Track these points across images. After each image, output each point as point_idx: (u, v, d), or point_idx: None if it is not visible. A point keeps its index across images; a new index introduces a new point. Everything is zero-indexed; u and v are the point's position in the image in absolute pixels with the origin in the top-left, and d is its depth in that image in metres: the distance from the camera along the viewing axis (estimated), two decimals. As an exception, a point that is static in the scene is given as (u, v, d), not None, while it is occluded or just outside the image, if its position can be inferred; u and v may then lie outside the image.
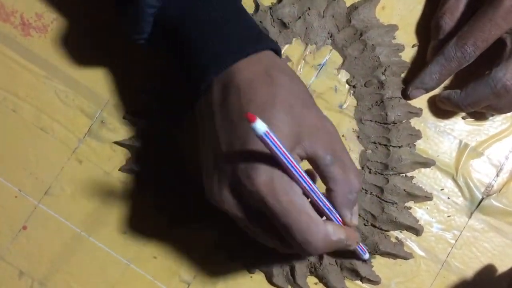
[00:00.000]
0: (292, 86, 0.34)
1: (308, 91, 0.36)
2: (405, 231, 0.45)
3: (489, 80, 0.41)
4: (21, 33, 0.47)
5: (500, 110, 0.43)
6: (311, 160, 0.34)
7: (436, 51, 0.43)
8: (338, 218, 0.35)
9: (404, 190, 0.44)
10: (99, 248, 0.45)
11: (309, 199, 0.34)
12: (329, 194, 0.34)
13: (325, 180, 0.34)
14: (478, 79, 0.42)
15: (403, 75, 0.46)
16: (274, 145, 0.30)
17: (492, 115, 0.45)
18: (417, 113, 0.45)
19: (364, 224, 0.45)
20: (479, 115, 0.45)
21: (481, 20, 0.40)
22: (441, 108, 0.45)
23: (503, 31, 0.40)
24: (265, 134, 0.29)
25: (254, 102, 0.33)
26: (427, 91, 0.44)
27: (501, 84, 0.40)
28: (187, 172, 0.45)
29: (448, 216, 0.45)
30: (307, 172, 0.33)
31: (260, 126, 0.28)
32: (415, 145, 0.45)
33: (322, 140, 0.33)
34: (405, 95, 0.45)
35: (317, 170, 0.34)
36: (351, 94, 0.46)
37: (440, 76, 0.43)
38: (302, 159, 0.34)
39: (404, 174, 0.45)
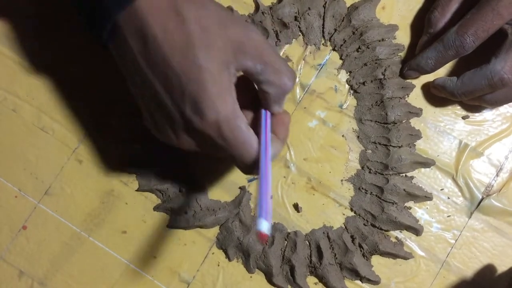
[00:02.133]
0: (202, 12, 0.34)
1: (222, 7, 0.36)
2: (405, 231, 0.45)
3: (487, 72, 0.41)
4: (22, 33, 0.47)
5: (494, 103, 0.43)
6: (245, 72, 0.35)
7: (425, 45, 0.44)
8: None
9: (404, 190, 0.44)
10: (99, 248, 0.45)
11: None
12: (263, 95, 0.36)
13: (260, 85, 0.36)
14: (476, 69, 0.42)
15: (403, 75, 0.46)
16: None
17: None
18: (417, 113, 0.45)
19: (364, 224, 0.45)
20: (472, 108, 0.45)
21: (483, 9, 0.40)
22: (435, 95, 0.45)
23: (505, 22, 0.40)
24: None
25: (176, 49, 0.33)
26: (421, 74, 0.45)
27: (498, 76, 0.40)
28: (187, 172, 0.45)
29: (448, 216, 0.45)
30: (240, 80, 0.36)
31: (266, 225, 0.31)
32: (415, 145, 0.45)
33: (250, 52, 0.34)
34: (401, 74, 0.45)
35: (252, 78, 0.36)
36: (351, 94, 0.46)
37: (435, 62, 0.43)
38: (238, 72, 0.35)
39: (404, 174, 0.45)
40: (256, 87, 0.36)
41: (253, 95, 0.37)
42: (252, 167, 0.36)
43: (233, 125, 0.34)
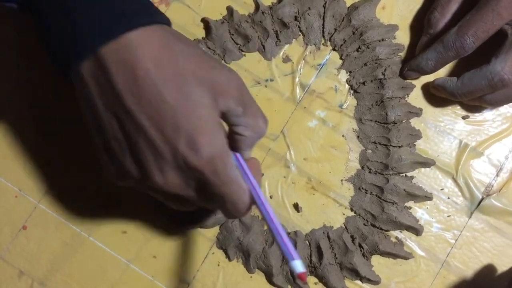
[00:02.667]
0: (192, 51, 0.34)
1: (205, 53, 0.36)
2: (405, 231, 0.45)
3: (487, 72, 0.41)
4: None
5: (494, 104, 0.43)
6: (225, 114, 0.35)
7: (425, 45, 0.44)
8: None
9: (404, 190, 0.44)
10: (99, 248, 0.45)
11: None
12: (237, 138, 0.36)
13: (236, 128, 0.35)
14: (476, 70, 0.42)
15: (403, 75, 0.46)
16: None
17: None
18: (417, 113, 0.45)
19: (364, 224, 0.45)
20: (472, 108, 0.45)
21: (483, 10, 0.40)
22: (436, 95, 0.45)
23: (505, 22, 0.40)
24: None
25: (170, 84, 0.32)
26: (421, 74, 0.45)
27: (498, 77, 0.40)
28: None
29: (448, 216, 0.45)
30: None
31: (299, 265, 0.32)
32: (415, 145, 0.45)
33: (233, 94, 0.34)
34: (401, 74, 0.45)
35: (230, 120, 0.35)
36: (351, 94, 0.46)
37: (436, 63, 0.43)
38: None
39: (404, 174, 0.45)
40: (228, 130, 0.36)
41: None
42: (244, 208, 0.35)
43: (227, 161, 0.33)
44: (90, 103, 0.33)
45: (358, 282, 0.44)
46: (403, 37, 0.46)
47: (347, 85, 0.46)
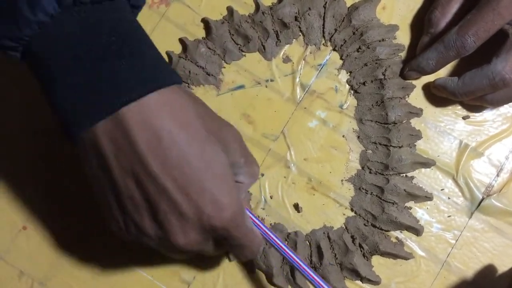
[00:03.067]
0: (206, 109, 0.35)
1: (208, 108, 0.36)
2: (405, 231, 0.45)
3: (488, 72, 0.41)
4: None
5: (495, 103, 0.43)
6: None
7: (426, 45, 0.44)
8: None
9: (405, 190, 0.44)
10: (99, 248, 0.45)
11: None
12: (239, 186, 0.37)
13: (237, 178, 0.37)
14: (477, 69, 0.41)
15: (403, 75, 0.46)
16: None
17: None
18: (418, 113, 0.45)
19: (364, 224, 0.45)
20: (473, 108, 0.45)
21: (484, 9, 0.40)
22: (436, 95, 0.45)
23: (506, 22, 0.40)
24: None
25: (194, 144, 0.32)
26: (422, 74, 0.45)
27: (499, 76, 0.40)
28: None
29: (448, 216, 0.45)
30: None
31: None
32: (415, 145, 0.45)
33: (237, 149, 0.36)
34: (402, 74, 0.45)
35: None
36: (352, 94, 0.46)
37: (436, 63, 0.43)
38: None
39: (404, 174, 0.45)
40: None
41: None
42: (258, 251, 0.37)
43: (244, 214, 0.35)
44: (103, 163, 0.32)
45: (359, 282, 0.44)
46: (403, 37, 0.46)
47: (347, 86, 0.46)
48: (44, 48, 0.32)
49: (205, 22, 0.47)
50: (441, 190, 0.45)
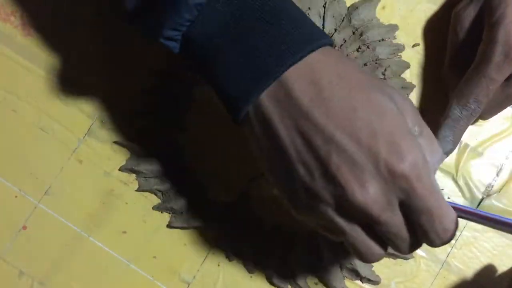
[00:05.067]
0: (361, 69, 0.34)
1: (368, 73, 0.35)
2: (405, 231, 0.45)
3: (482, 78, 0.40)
4: (21, 33, 0.47)
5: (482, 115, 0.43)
6: None
7: (458, 45, 0.43)
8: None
9: (404, 190, 0.44)
10: (99, 248, 0.45)
11: None
12: None
13: None
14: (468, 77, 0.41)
15: (403, 75, 0.46)
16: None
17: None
18: (417, 113, 0.45)
19: (364, 224, 0.45)
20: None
21: (475, 77, 0.40)
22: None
23: (500, 83, 0.40)
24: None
25: (354, 90, 0.32)
26: (448, 154, 0.43)
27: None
28: (187, 171, 0.45)
29: (448, 216, 0.45)
30: None
31: None
32: (415, 145, 0.45)
33: (408, 113, 0.33)
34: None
35: None
36: (351, 94, 0.46)
37: (454, 137, 0.42)
38: None
39: (404, 174, 0.45)
40: None
41: None
42: (452, 228, 0.32)
43: (428, 168, 0.31)
44: (269, 131, 0.32)
45: (358, 282, 0.44)
46: (403, 37, 0.46)
47: (347, 85, 0.46)
48: (201, 32, 0.33)
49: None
50: (441, 190, 0.45)
